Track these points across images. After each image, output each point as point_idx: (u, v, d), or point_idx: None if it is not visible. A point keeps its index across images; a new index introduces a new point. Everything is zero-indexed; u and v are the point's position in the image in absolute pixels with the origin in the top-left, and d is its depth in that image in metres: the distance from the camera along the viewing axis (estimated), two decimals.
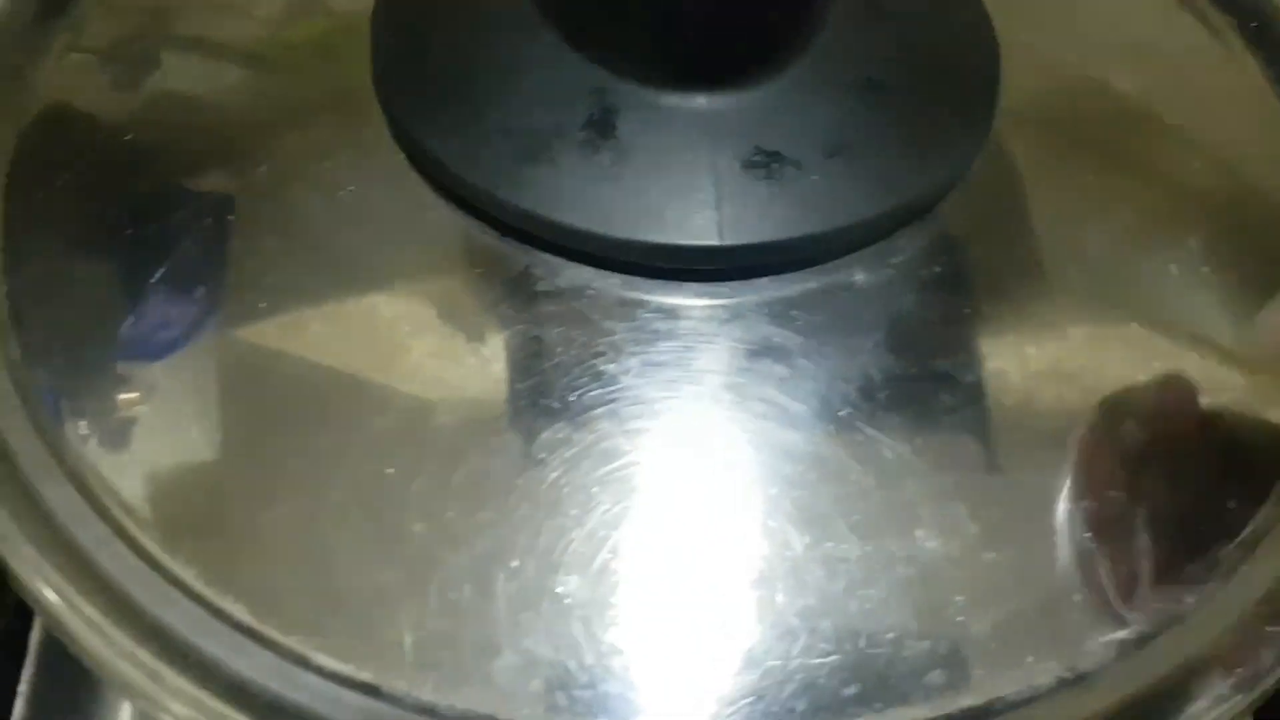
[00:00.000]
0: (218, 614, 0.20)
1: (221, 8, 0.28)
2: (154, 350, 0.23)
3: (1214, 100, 0.28)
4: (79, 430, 0.22)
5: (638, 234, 0.22)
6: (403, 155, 0.24)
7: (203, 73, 0.26)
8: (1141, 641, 0.21)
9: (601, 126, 0.22)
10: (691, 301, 0.23)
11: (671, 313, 0.23)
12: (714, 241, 0.22)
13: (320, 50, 0.27)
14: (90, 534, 0.21)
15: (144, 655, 0.20)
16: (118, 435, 0.22)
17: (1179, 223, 0.26)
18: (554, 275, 0.23)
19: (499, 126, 0.22)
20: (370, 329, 0.23)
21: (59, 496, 0.21)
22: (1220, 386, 0.24)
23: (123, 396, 0.22)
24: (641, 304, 0.23)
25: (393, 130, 0.24)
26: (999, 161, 0.25)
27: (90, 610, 0.20)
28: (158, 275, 0.23)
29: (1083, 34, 0.28)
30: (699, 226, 0.22)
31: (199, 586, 0.20)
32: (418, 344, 0.22)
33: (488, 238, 0.23)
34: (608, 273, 0.23)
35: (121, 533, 0.21)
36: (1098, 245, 0.25)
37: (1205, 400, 0.24)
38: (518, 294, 0.23)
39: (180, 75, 0.26)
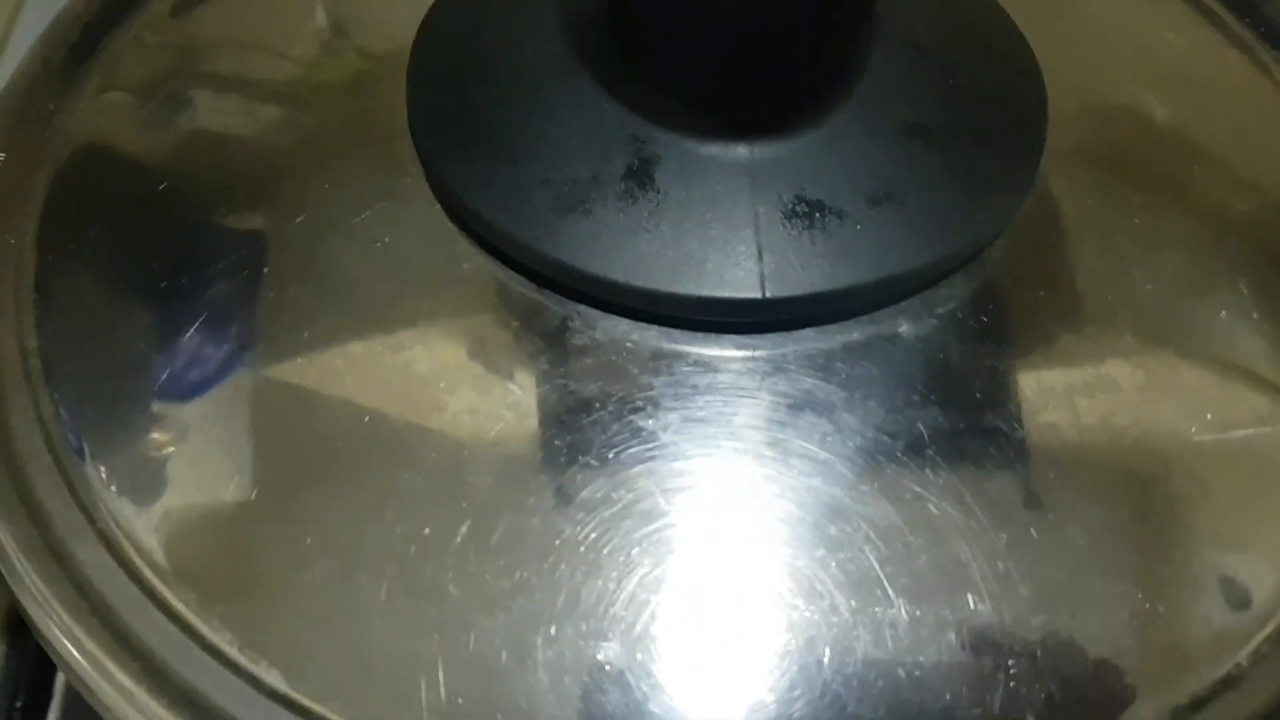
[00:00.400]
0: (251, 680, 0.20)
1: (253, 49, 0.27)
2: (187, 407, 0.22)
3: (1262, 139, 0.28)
4: (111, 488, 0.22)
5: (678, 287, 0.21)
6: (439, 205, 0.23)
7: (235, 117, 0.26)
8: (1195, 705, 0.21)
9: (640, 177, 0.22)
10: (731, 353, 0.22)
11: (711, 365, 0.22)
12: (756, 294, 0.21)
13: (355, 92, 0.26)
14: (122, 596, 0.21)
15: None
16: (150, 493, 0.22)
17: (1230, 265, 0.25)
18: (591, 328, 0.22)
19: (536, 177, 0.22)
20: (405, 382, 0.22)
21: (91, 557, 0.21)
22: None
23: (155, 454, 0.22)
24: (681, 356, 0.22)
25: (429, 179, 0.23)
26: (1044, 204, 0.25)
27: (123, 677, 0.20)
28: (191, 329, 0.23)
29: (1127, 73, 0.28)
30: (741, 279, 0.21)
31: (232, 652, 0.20)
32: (454, 398, 0.22)
33: (525, 289, 0.23)
34: (646, 325, 0.22)
35: (153, 595, 0.21)
36: (1147, 290, 0.24)
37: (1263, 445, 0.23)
38: (555, 347, 0.22)
39: (213, 120, 0.26)
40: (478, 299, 0.23)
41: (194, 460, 0.22)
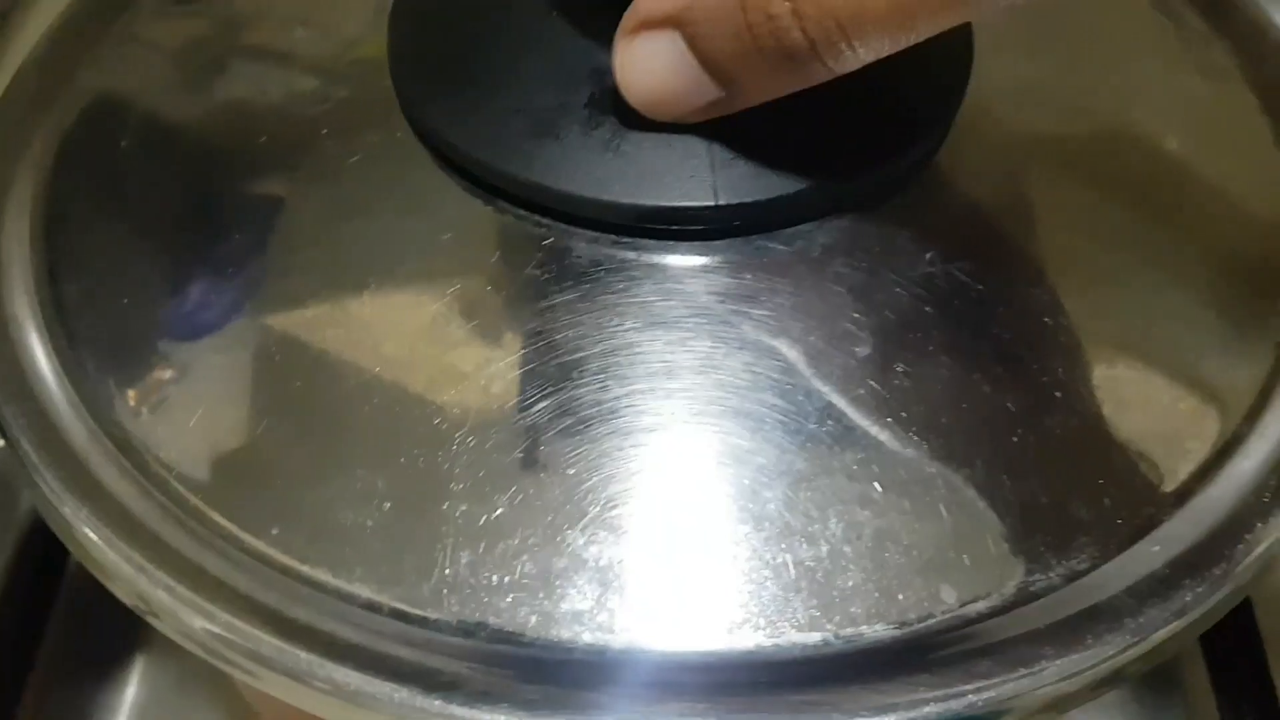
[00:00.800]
0: (258, 557, 0.22)
1: (261, 16, 0.30)
2: (195, 339, 0.24)
3: (1218, 141, 0.29)
4: (126, 404, 0.24)
5: (639, 199, 0.23)
6: (429, 153, 0.25)
7: (248, 75, 0.28)
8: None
9: (602, 104, 0.24)
10: (692, 260, 0.24)
11: (673, 272, 0.24)
12: (710, 201, 0.23)
13: (351, 53, 0.28)
14: (133, 490, 0.23)
15: (179, 589, 0.21)
16: (161, 412, 0.24)
17: (1189, 255, 0.27)
18: (565, 242, 0.24)
19: (509, 107, 0.24)
20: (394, 302, 0.24)
21: (106, 468, 0.23)
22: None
23: (166, 378, 0.24)
24: (646, 264, 0.24)
25: (407, 116, 0.25)
26: (977, 124, 0.26)
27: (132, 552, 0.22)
28: (199, 268, 0.25)
29: (1082, 70, 0.29)
30: (695, 189, 0.23)
31: (235, 530, 0.22)
32: (435, 311, 0.24)
33: (503, 213, 0.24)
34: (617, 237, 0.24)
35: (163, 488, 0.22)
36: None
37: None
38: (531, 263, 0.24)
39: (227, 77, 0.28)
40: (458, 222, 0.25)
41: (200, 385, 0.24)
